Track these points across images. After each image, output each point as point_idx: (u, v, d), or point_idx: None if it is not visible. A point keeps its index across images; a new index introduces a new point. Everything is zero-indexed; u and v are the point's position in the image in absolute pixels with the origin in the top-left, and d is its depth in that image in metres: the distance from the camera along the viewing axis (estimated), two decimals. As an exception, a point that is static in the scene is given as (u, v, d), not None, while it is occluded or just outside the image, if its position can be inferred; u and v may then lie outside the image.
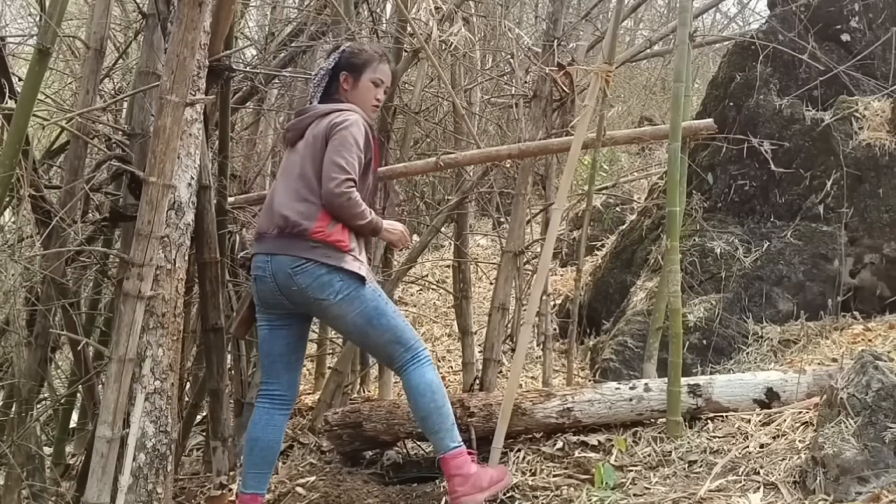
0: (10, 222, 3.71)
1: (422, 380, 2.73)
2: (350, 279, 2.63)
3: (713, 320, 3.91)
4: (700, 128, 3.62)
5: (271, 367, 2.82)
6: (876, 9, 4.67)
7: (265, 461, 2.80)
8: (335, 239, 2.63)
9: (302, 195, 2.67)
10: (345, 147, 2.63)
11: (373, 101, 2.90)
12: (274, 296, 2.71)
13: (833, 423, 2.42)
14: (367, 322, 2.68)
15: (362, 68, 2.87)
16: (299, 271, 2.61)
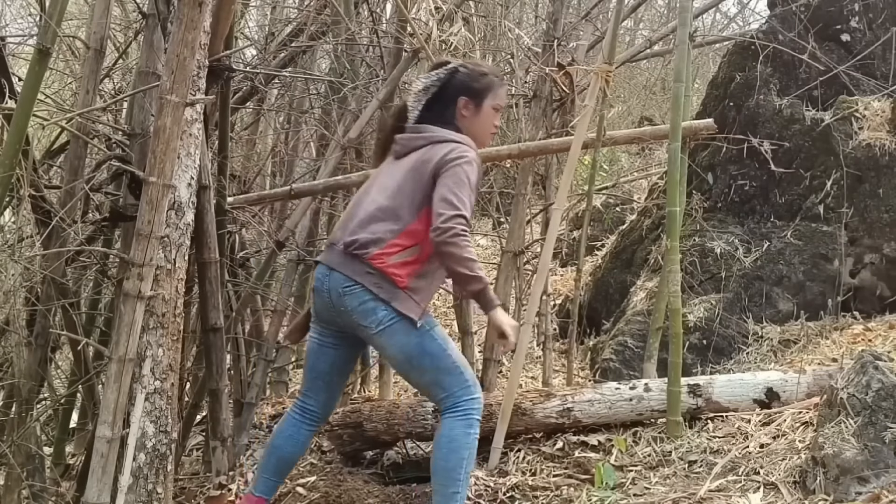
0: (10, 222, 3.71)
1: (448, 432, 2.50)
2: (395, 314, 2.46)
3: (713, 320, 3.91)
4: (700, 128, 3.62)
5: (312, 383, 2.71)
6: (876, 9, 4.67)
7: (279, 471, 2.73)
8: (392, 272, 2.45)
9: (384, 216, 2.50)
10: (460, 184, 2.44)
11: (492, 128, 2.71)
12: (328, 311, 2.57)
13: (833, 423, 2.42)
14: (406, 360, 2.52)
15: (484, 94, 2.64)
16: (348, 292, 2.48)
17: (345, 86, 4.42)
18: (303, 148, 6.30)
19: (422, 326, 2.48)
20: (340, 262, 2.51)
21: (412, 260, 2.47)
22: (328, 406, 2.75)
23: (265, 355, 4.13)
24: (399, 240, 2.47)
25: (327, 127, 4.83)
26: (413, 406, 3.43)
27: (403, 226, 2.48)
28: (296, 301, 5.09)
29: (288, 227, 4.27)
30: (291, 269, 4.56)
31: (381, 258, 2.45)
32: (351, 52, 4.66)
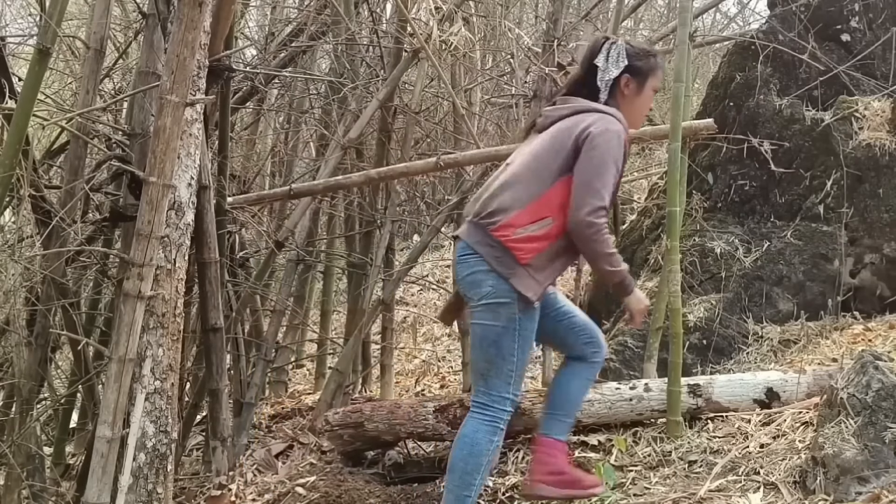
0: (10, 222, 3.72)
1: (472, 434, 2.43)
2: (505, 292, 2.34)
3: (713, 320, 3.91)
4: (700, 128, 3.62)
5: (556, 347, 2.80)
6: (876, 9, 4.67)
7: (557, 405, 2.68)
8: (515, 245, 2.33)
9: (517, 184, 2.40)
10: (604, 168, 2.35)
11: (646, 110, 2.64)
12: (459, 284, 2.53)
13: (833, 423, 2.42)
14: (480, 338, 2.43)
15: (648, 74, 2.53)
16: (462, 260, 2.43)
17: (345, 86, 4.42)
18: (303, 148, 6.30)
19: (518, 320, 2.36)
20: (466, 230, 2.46)
21: (541, 235, 2.35)
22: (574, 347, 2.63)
23: (265, 355, 4.14)
24: (530, 210, 2.35)
25: (327, 127, 4.83)
26: (414, 406, 3.43)
27: (537, 194, 2.37)
28: (295, 301, 5.10)
29: (287, 227, 4.28)
30: (291, 269, 4.56)
31: (507, 230, 2.34)
32: (351, 52, 4.67)
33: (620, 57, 2.48)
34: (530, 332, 2.44)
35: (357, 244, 4.82)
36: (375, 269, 4.38)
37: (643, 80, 2.52)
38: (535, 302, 2.35)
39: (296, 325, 5.21)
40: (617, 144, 2.38)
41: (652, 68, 2.54)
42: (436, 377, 5.17)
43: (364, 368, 4.83)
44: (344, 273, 5.57)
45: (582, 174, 2.35)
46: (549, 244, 2.37)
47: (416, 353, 5.73)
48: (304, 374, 5.81)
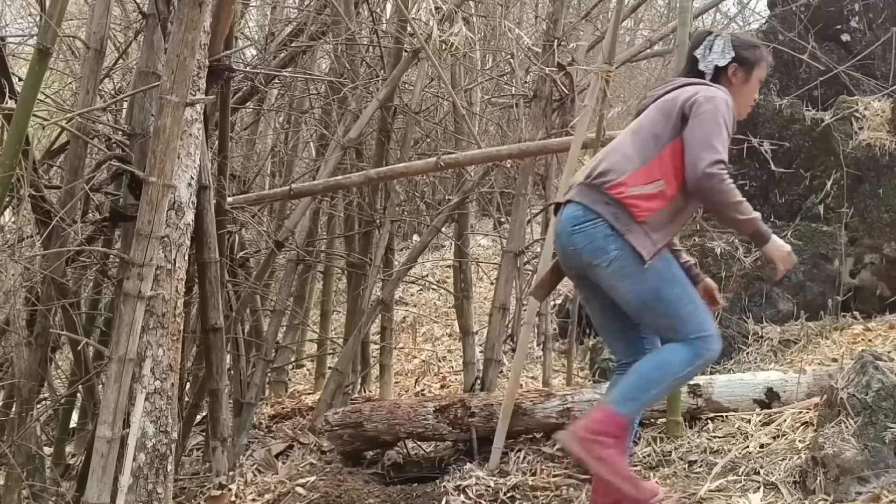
0: (10, 222, 3.72)
1: (668, 352, 2.37)
2: (628, 252, 2.30)
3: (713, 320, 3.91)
4: (700, 128, 3.61)
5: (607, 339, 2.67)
6: (876, 9, 4.67)
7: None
8: (631, 202, 2.31)
9: (625, 151, 2.40)
10: (716, 126, 2.31)
11: (752, 101, 2.62)
12: (564, 257, 2.47)
13: (833, 423, 2.42)
14: (641, 303, 2.37)
15: (755, 64, 2.55)
16: (577, 231, 2.36)
17: (345, 86, 4.42)
18: (303, 148, 6.30)
19: (651, 266, 2.32)
20: (578, 192, 2.41)
21: (654, 194, 2.33)
22: (635, 351, 2.53)
23: (265, 355, 4.14)
24: (641, 172, 2.34)
25: (327, 127, 4.83)
26: (414, 406, 3.43)
27: (646, 159, 2.36)
28: (295, 301, 5.10)
29: (287, 227, 4.28)
30: (291, 269, 4.56)
31: (620, 188, 2.32)
32: (351, 52, 4.67)
33: (727, 48, 2.51)
34: (676, 269, 2.43)
35: (356, 244, 4.82)
36: (375, 269, 4.38)
37: (750, 70, 2.54)
38: (647, 260, 2.30)
39: (296, 325, 5.21)
40: (726, 109, 2.36)
41: (758, 59, 2.56)
42: (436, 377, 5.17)
43: (363, 368, 4.83)
44: (343, 273, 5.57)
45: (693, 135, 2.33)
46: (665, 203, 2.34)
47: (416, 353, 5.73)
48: (304, 374, 5.81)
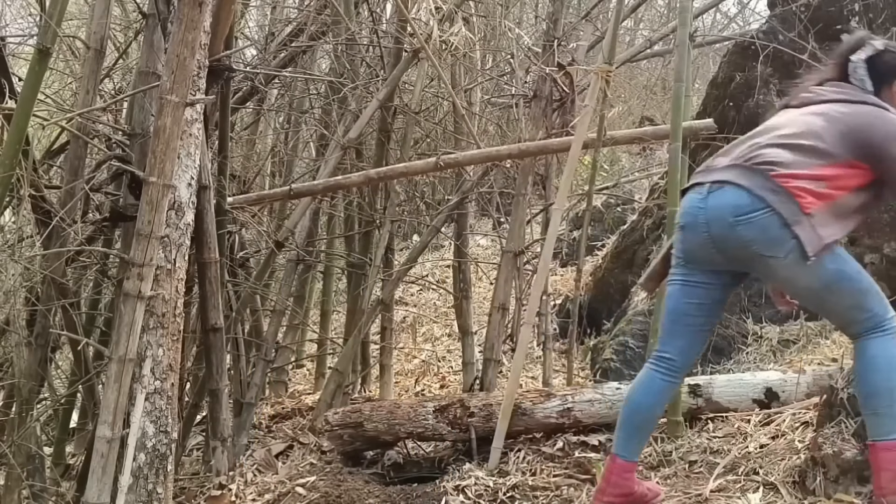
0: (10, 222, 3.72)
1: (882, 352, 2.22)
2: (798, 244, 2.16)
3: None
4: (700, 128, 3.62)
5: (671, 328, 2.43)
6: (876, 9, 4.67)
7: (633, 424, 2.45)
8: (799, 193, 2.15)
9: (794, 147, 2.23)
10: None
11: None
12: (705, 249, 2.29)
13: (833, 423, 2.41)
14: (824, 287, 2.23)
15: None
16: (743, 222, 2.18)
17: (345, 86, 4.42)
18: (303, 148, 6.30)
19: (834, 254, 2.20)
20: (738, 174, 2.22)
21: (822, 193, 2.18)
22: (688, 354, 2.44)
23: (265, 355, 4.14)
24: (808, 173, 2.18)
25: (327, 127, 4.83)
26: (414, 406, 3.43)
27: (816, 165, 2.20)
28: (295, 301, 5.11)
29: (287, 227, 4.28)
30: (291, 269, 4.56)
31: (787, 179, 2.16)
32: (351, 52, 4.67)
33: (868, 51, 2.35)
34: (845, 255, 2.28)
35: (356, 244, 4.82)
36: (375, 269, 4.38)
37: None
38: (811, 256, 2.15)
39: (296, 325, 5.21)
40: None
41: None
42: (435, 377, 5.17)
43: (363, 368, 4.83)
44: (343, 273, 5.57)
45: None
46: (833, 202, 2.20)
47: (416, 353, 5.73)
48: (304, 374, 5.81)
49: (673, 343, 2.44)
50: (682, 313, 2.42)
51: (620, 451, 2.44)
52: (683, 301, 2.40)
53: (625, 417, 2.46)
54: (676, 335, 2.43)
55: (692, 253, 2.35)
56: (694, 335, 2.44)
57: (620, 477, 2.42)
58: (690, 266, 2.38)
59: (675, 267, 2.43)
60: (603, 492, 2.43)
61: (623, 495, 2.42)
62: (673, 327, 2.44)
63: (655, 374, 2.43)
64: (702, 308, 2.40)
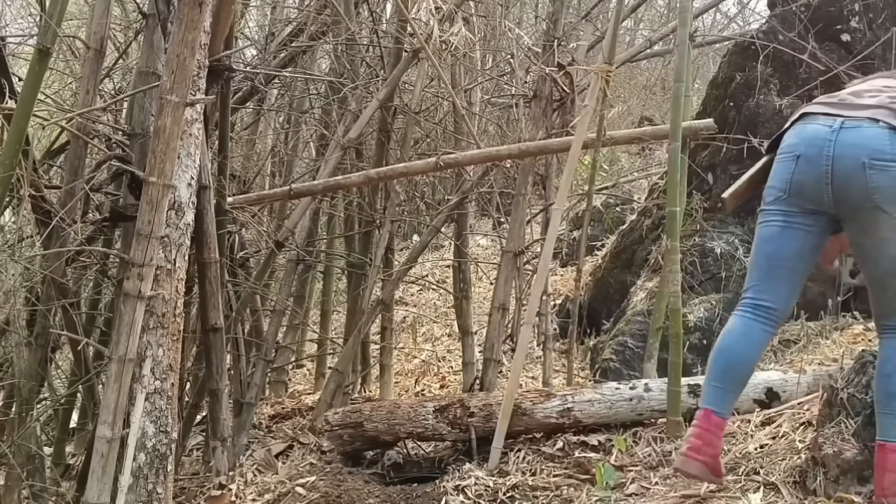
0: (10, 222, 3.72)
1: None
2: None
3: (713, 320, 3.91)
4: (700, 128, 3.62)
5: (769, 273, 2.27)
6: (876, 9, 4.67)
7: (729, 378, 2.31)
8: None
9: None
10: None
11: None
12: (818, 185, 2.12)
13: (833, 423, 2.41)
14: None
15: None
16: (878, 167, 2.03)
17: (345, 86, 4.42)
18: (303, 148, 6.30)
19: None
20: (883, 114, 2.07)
21: None
22: (788, 301, 2.32)
23: (265, 355, 4.14)
24: None
25: (327, 127, 4.83)
26: (414, 406, 3.43)
27: None
28: (295, 301, 5.11)
29: (287, 227, 4.28)
30: (291, 269, 4.56)
31: None
32: (351, 52, 4.67)
33: None
34: None
35: (357, 244, 4.82)
36: (375, 269, 4.38)
37: None
38: None
39: (296, 325, 5.21)
40: None
41: None
42: (435, 377, 5.17)
43: (364, 368, 4.83)
44: (343, 273, 5.57)
45: None
46: None
47: (416, 353, 5.73)
48: (304, 374, 5.81)
49: (773, 290, 2.28)
50: (783, 258, 2.25)
51: (718, 407, 2.28)
52: (785, 245, 2.24)
53: (722, 371, 2.31)
54: (778, 281, 2.27)
55: (801, 186, 2.17)
56: (797, 282, 2.29)
57: (715, 435, 2.28)
58: (792, 202, 2.20)
59: (773, 203, 2.25)
60: (699, 450, 2.28)
61: (714, 456, 2.30)
62: (774, 273, 2.27)
63: (755, 323, 2.28)
64: (803, 254, 2.25)
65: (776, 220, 2.24)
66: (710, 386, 2.32)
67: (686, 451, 2.32)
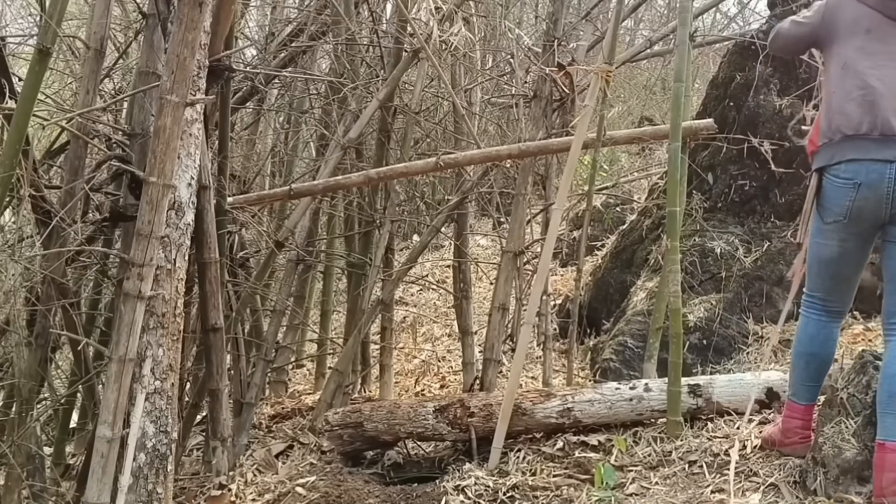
0: (10, 222, 3.71)
1: None
2: None
3: (713, 320, 3.91)
4: (700, 128, 3.62)
5: (837, 286, 2.56)
6: (876, 9, 4.66)
7: (820, 376, 2.62)
8: None
9: None
10: None
11: None
12: (877, 206, 2.36)
13: (833, 423, 2.42)
14: None
15: None
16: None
17: (345, 86, 4.42)
18: (303, 148, 6.31)
19: None
20: None
21: None
22: (849, 301, 2.63)
23: (265, 355, 4.14)
24: None
25: (327, 127, 4.83)
26: (414, 406, 3.43)
27: None
28: (295, 301, 5.11)
29: (287, 227, 4.28)
30: (291, 269, 4.56)
31: None
32: (351, 52, 4.67)
33: None
34: None
35: (357, 244, 4.82)
36: (375, 269, 4.38)
37: None
38: None
39: (296, 325, 5.21)
40: None
41: None
42: (435, 377, 5.17)
43: (364, 368, 4.83)
44: (343, 273, 5.57)
45: None
46: None
47: (416, 353, 5.73)
48: (304, 374, 5.81)
49: (840, 294, 2.57)
50: (847, 276, 2.54)
51: (813, 399, 2.62)
52: (845, 265, 2.51)
53: (817, 374, 2.61)
54: (844, 289, 2.57)
55: (859, 212, 2.40)
56: (856, 284, 2.59)
57: (812, 420, 2.61)
58: (849, 228, 2.44)
59: (831, 228, 2.48)
60: (808, 438, 2.58)
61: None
62: (840, 286, 2.56)
63: (830, 324, 2.60)
64: (860, 266, 2.54)
65: (832, 244, 2.50)
66: (806, 386, 2.63)
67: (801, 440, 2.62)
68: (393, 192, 4.46)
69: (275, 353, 4.40)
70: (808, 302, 2.63)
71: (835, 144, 2.42)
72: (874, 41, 2.40)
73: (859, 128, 2.37)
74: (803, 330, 2.64)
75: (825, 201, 2.47)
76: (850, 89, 2.40)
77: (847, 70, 2.42)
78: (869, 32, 2.41)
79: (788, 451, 2.65)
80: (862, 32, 2.41)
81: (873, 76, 2.36)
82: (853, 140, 2.38)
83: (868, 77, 2.37)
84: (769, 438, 2.74)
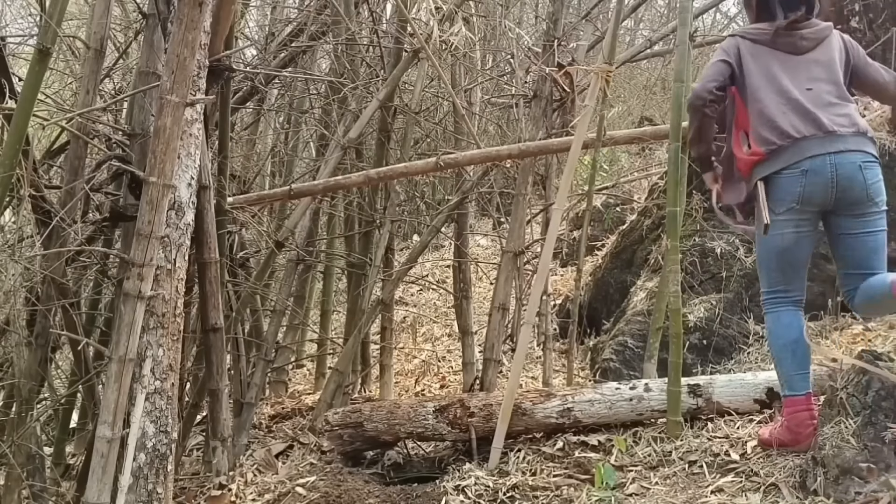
0: (10, 222, 3.72)
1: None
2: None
3: (713, 320, 3.91)
4: (700, 128, 3.61)
5: (796, 273, 2.73)
6: (876, 9, 4.66)
7: (807, 360, 2.72)
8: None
9: (841, 100, 2.70)
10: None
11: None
12: (824, 192, 2.60)
13: (833, 423, 2.42)
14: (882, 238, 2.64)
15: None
16: (869, 167, 2.60)
17: (345, 86, 4.42)
18: (303, 148, 6.31)
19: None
20: (855, 142, 2.61)
21: None
22: (805, 289, 2.78)
23: (265, 355, 4.14)
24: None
25: (327, 127, 4.83)
26: (414, 406, 3.43)
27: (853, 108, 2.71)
28: (295, 301, 5.11)
29: (287, 227, 4.28)
30: (291, 269, 4.56)
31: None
32: (351, 52, 4.67)
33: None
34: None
35: (357, 244, 4.83)
36: (375, 269, 4.38)
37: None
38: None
39: (296, 325, 5.21)
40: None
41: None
42: (435, 377, 5.17)
43: (364, 368, 4.83)
44: (343, 273, 5.57)
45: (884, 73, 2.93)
46: None
47: (416, 353, 5.73)
48: (304, 374, 5.81)
49: (801, 285, 2.74)
50: (802, 261, 2.72)
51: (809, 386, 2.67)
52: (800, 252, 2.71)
53: (803, 359, 2.69)
54: (801, 278, 2.74)
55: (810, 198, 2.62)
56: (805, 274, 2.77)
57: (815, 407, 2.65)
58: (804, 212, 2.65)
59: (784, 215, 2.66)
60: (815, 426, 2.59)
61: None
62: (797, 273, 2.73)
63: (799, 313, 2.74)
64: (811, 250, 2.75)
65: (789, 230, 2.67)
66: (799, 375, 2.69)
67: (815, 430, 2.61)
68: (393, 192, 4.46)
69: (275, 353, 4.40)
70: (771, 299, 2.76)
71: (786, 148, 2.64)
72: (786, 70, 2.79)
73: (805, 131, 2.64)
74: (776, 324, 2.75)
75: (776, 195, 2.66)
76: (779, 101, 2.71)
77: (771, 83, 2.76)
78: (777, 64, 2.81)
79: (804, 447, 2.62)
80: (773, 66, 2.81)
81: (794, 91, 2.71)
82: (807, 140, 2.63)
83: (790, 92, 2.70)
84: (773, 441, 2.71)
